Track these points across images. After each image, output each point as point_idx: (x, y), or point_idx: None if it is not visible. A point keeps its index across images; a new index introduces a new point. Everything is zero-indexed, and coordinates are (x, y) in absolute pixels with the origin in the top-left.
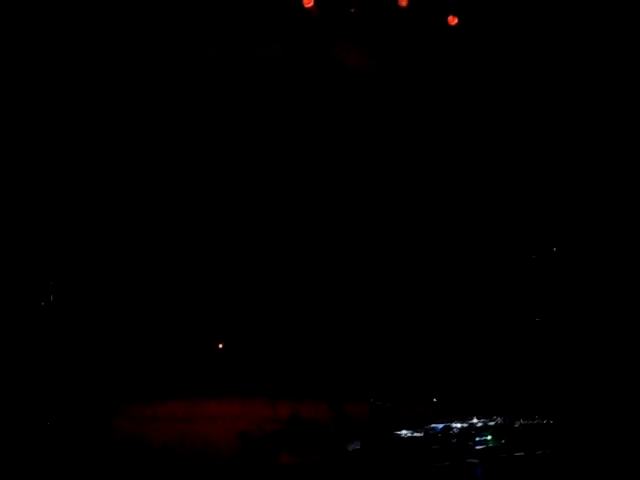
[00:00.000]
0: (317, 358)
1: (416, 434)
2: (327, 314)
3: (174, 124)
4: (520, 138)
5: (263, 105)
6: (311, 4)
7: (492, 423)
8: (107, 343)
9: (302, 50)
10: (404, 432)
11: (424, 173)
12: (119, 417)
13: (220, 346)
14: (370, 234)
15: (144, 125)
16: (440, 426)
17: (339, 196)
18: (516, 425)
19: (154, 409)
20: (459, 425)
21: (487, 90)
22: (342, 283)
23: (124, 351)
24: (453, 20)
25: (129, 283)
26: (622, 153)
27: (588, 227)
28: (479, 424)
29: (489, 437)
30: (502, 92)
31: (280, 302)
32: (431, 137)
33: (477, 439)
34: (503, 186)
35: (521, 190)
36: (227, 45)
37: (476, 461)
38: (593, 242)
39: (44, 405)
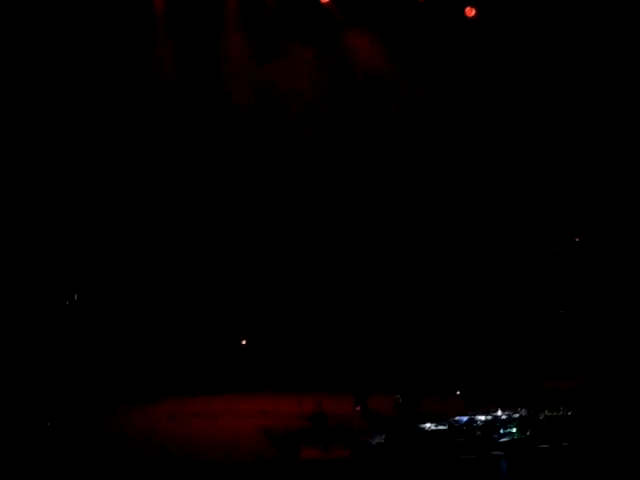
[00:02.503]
0: (340, 352)
1: (440, 427)
2: (350, 308)
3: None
4: (526, 133)
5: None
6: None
7: (516, 415)
8: (129, 341)
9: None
10: (428, 425)
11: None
12: (140, 414)
13: (244, 342)
14: (393, 224)
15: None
16: (465, 419)
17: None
18: (541, 417)
19: (178, 406)
20: (483, 418)
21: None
22: (364, 277)
23: (147, 349)
24: (471, 12)
25: (154, 280)
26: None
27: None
28: (503, 416)
29: (514, 429)
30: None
31: (301, 297)
32: (438, 130)
33: (501, 431)
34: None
35: (527, 183)
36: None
37: (501, 453)
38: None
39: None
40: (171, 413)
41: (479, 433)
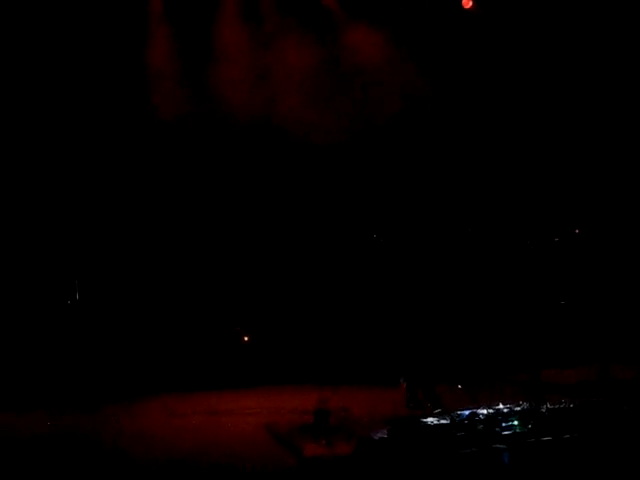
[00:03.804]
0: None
1: (442, 421)
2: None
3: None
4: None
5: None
6: None
7: (518, 408)
8: (130, 337)
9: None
10: (430, 419)
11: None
12: (140, 411)
13: (246, 339)
14: (397, 215)
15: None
16: (466, 412)
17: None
18: (542, 410)
19: (177, 403)
20: (485, 411)
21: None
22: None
23: (144, 345)
24: (467, 3)
25: (151, 275)
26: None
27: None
28: (505, 410)
29: (515, 422)
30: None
31: (298, 296)
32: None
33: (503, 425)
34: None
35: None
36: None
37: (503, 447)
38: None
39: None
40: (172, 409)
41: (481, 427)
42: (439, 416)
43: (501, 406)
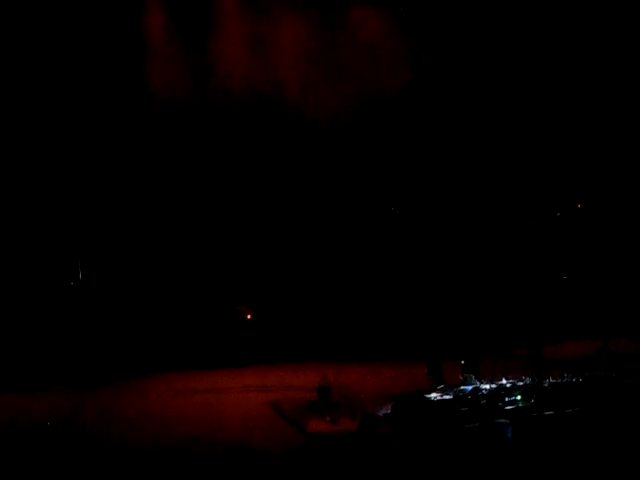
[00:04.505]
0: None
1: (446, 397)
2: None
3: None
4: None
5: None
6: None
7: (521, 383)
8: (131, 316)
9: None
10: (433, 395)
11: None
12: (143, 391)
13: (249, 317)
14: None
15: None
16: (469, 388)
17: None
18: (545, 384)
19: (179, 382)
20: (488, 386)
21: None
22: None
23: (143, 324)
24: None
25: (152, 255)
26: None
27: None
28: (508, 385)
29: (518, 397)
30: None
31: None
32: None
33: (506, 399)
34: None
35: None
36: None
37: (506, 421)
38: None
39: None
40: (175, 389)
41: (484, 402)
42: (442, 392)
43: (504, 381)
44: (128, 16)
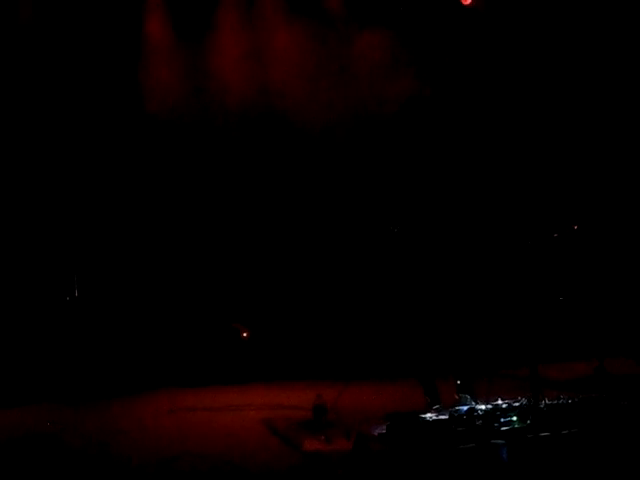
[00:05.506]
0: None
1: (441, 416)
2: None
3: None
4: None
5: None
6: None
7: (517, 404)
8: (128, 333)
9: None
10: (429, 415)
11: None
12: (139, 408)
13: (245, 335)
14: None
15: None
16: (465, 408)
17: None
18: (541, 405)
19: (174, 399)
20: (483, 407)
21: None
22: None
23: (146, 341)
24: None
25: (150, 270)
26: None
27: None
28: (504, 405)
29: (514, 418)
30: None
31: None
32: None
33: (502, 420)
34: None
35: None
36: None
37: (502, 442)
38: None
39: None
40: (171, 405)
41: (480, 422)
42: (438, 412)
43: (500, 402)
44: (127, 21)
